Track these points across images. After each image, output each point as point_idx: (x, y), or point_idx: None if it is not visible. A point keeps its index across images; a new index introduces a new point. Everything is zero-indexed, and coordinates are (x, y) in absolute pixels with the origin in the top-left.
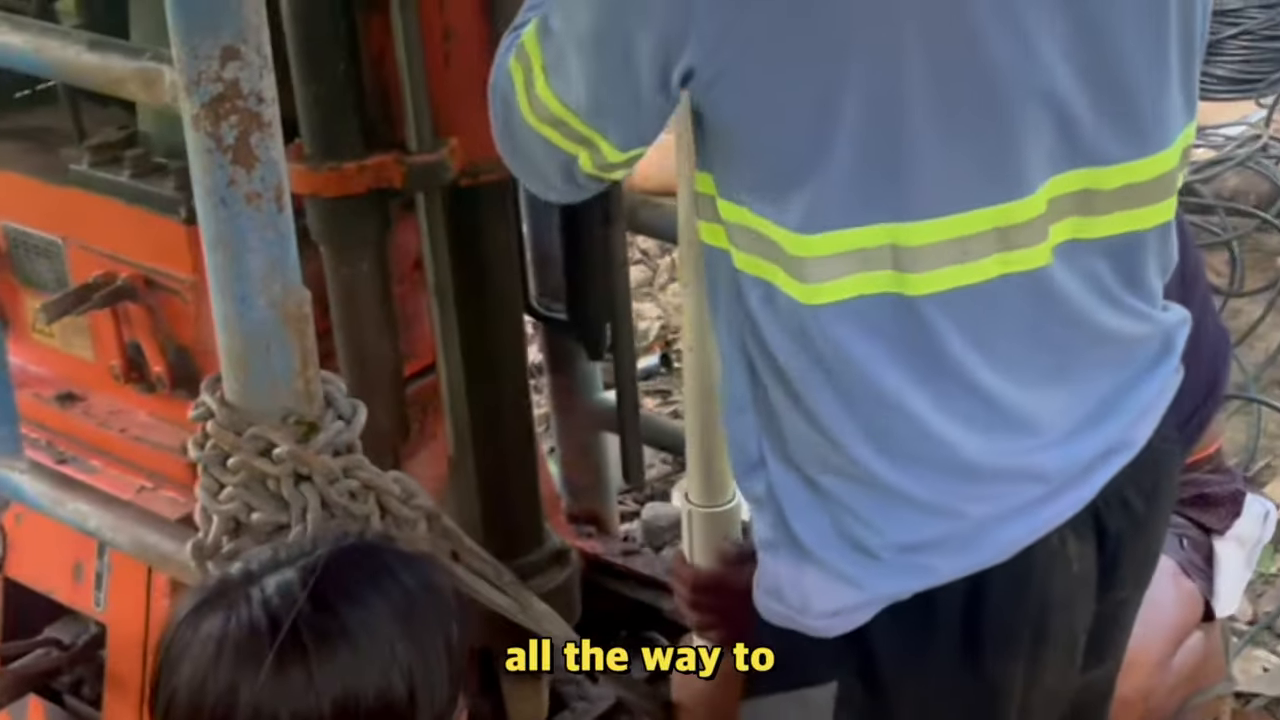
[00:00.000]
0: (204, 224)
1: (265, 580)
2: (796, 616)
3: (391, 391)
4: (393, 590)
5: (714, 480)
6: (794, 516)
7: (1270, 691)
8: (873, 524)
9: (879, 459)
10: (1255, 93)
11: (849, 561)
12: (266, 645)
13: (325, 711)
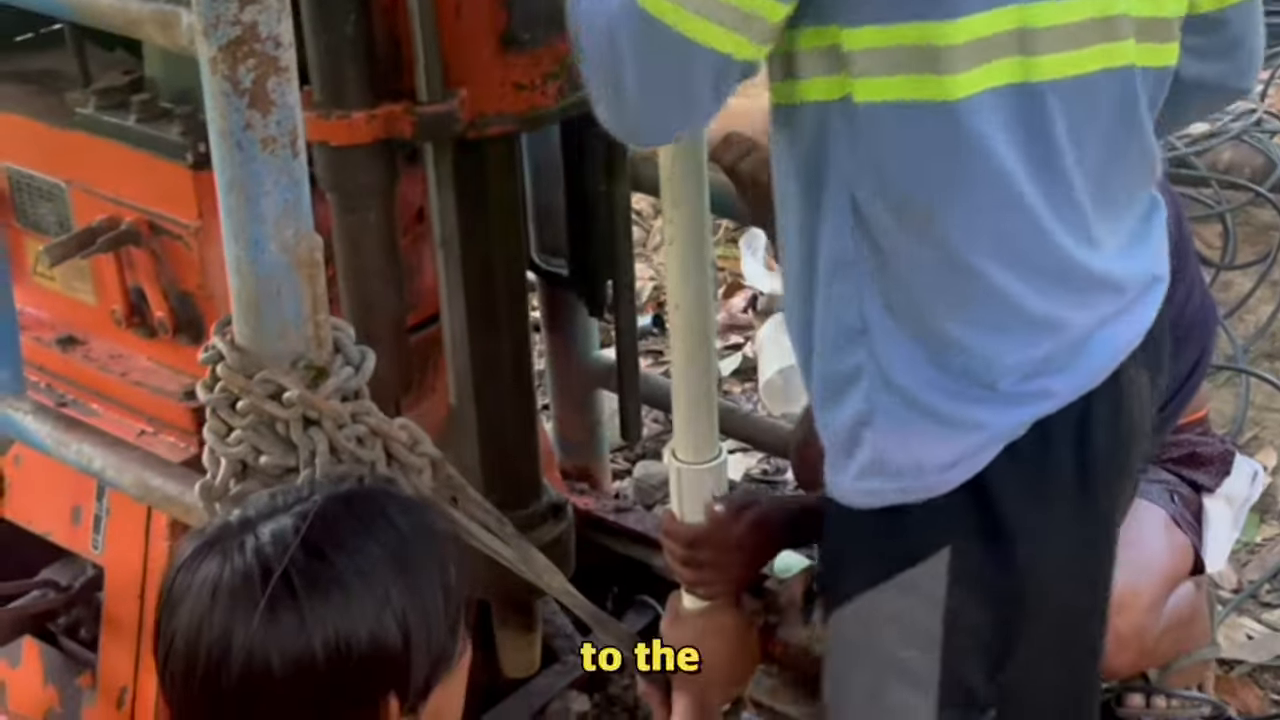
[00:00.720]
0: (219, 167)
1: (261, 527)
2: (908, 484)
3: (395, 341)
4: (388, 536)
5: (701, 437)
6: (904, 372)
7: (1254, 659)
8: (992, 356)
9: (1004, 271)
10: None
11: (968, 401)
12: (259, 591)
13: (318, 656)
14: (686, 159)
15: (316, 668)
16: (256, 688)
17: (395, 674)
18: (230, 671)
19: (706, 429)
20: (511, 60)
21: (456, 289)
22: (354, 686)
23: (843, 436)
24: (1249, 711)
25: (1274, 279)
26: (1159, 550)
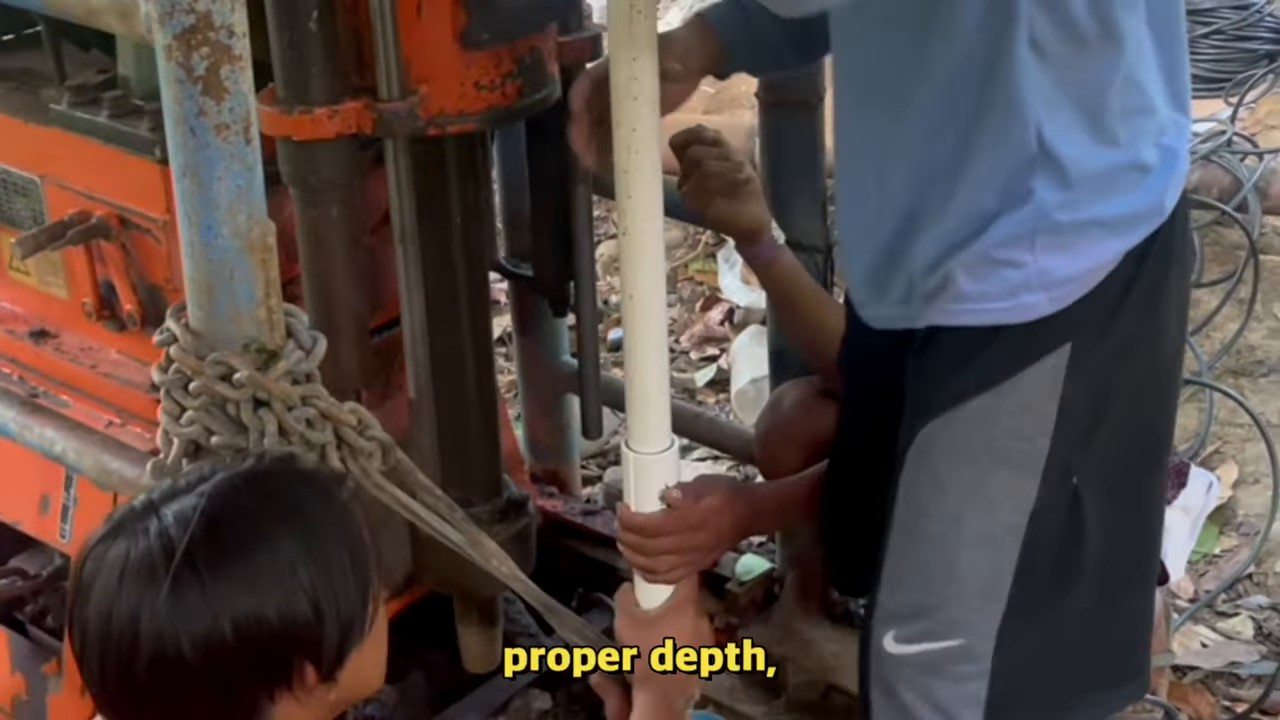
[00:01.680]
0: (173, 153)
1: (163, 508)
2: (1063, 292)
3: (355, 334)
4: (290, 511)
5: (653, 426)
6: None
7: (1207, 665)
8: (1153, 159)
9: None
10: (1224, 92)
11: (1127, 192)
12: (163, 571)
13: (227, 633)
14: (641, 150)
15: (227, 645)
16: (169, 669)
17: (308, 645)
18: (141, 655)
19: (659, 418)
20: (471, 59)
21: (416, 285)
22: (267, 660)
23: (997, 257)
24: (1200, 717)
25: (1240, 297)
26: None
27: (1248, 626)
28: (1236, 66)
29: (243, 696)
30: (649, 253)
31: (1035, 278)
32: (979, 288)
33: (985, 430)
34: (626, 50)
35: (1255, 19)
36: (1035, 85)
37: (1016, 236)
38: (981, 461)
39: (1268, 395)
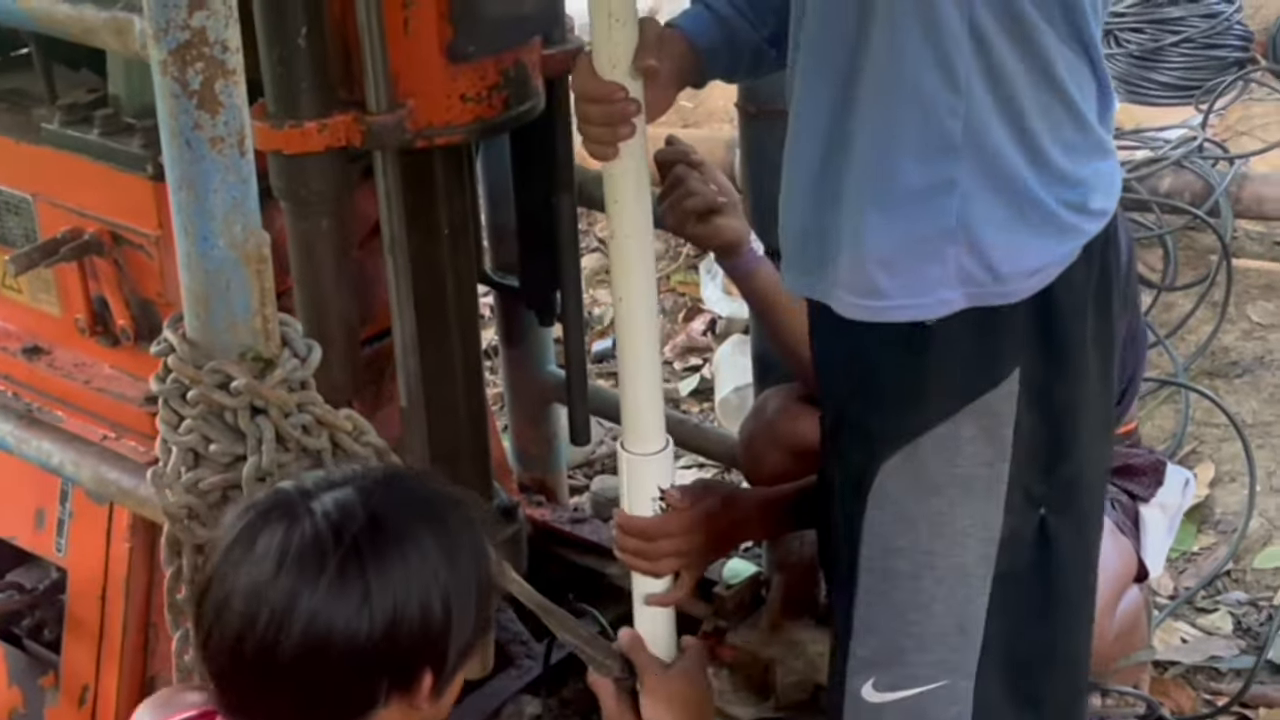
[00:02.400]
0: (169, 166)
1: (323, 496)
2: (993, 289)
3: (347, 345)
4: (437, 522)
5: (648, 427)
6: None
7: (1188, 660)
8: (1084, 180)
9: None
10: (1194, 99)
11: (1060, 206)
12: (331, 554)
13: (376, 625)
14: (629, 156)
15: (372, 636)
16: (313, 653)
17: (435, 653)
18: (290, 636)
19: (653, 419)
20: (457, 72)
21: (405, 295)
22: (400, 658)
23: (931, 246)
24: (1181, 711)
25: (1213, 300)
26: (1110, 557)
27: (1227, 622)
28: (1206, 74)
29: (366, 691)
30: (639, 258)
31: (954, 273)
32: (896, 281)
33: (947, 459)
34: (607, 58)
35: (1224, 27)
36: (966, 74)
37: (937, 229)
38: (947, 492)
39: (1242, 395)
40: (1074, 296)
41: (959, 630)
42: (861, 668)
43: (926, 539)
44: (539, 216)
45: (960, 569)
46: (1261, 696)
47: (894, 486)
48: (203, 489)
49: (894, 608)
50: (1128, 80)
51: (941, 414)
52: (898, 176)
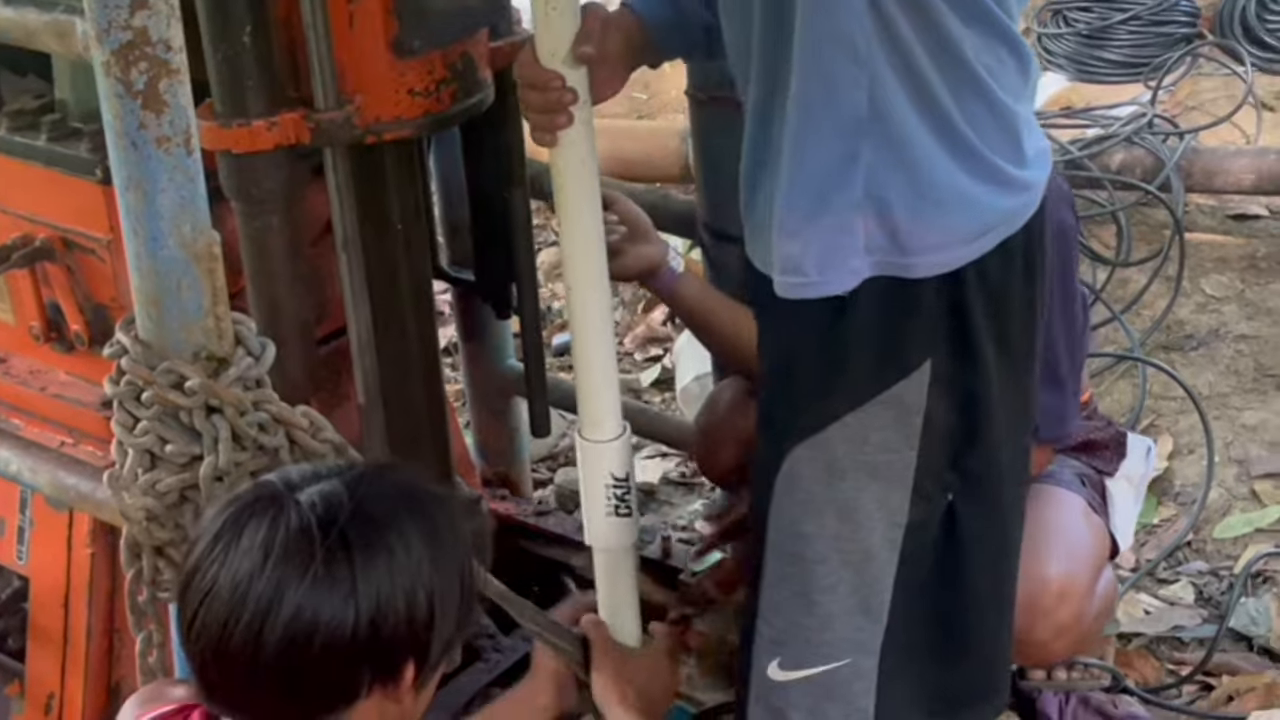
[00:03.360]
0: (115, 167)
1: (308, 489)
2: (901, 260)
3: (302, 343)
4: (423, 517)
5: (603, 413)
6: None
7: (1151, 631)
8: (995, 159)
9: (1018, 82)
10: (1143, 76)
11: (973, 178)
12: (317, 546)
13: (361, 617)
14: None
15: (357, 628)
16: (298, 645)
17: (419, 644)
18: (275, 627)
19: (609, 405)
20: (404, 67)
21: (360, 291)
22: (384, 650)
23: (841, 218)
24: (1146, 682)
25: (1167, 274)
26: (1086, 537)
27: (1188, 592)
28: (1155, 51)
29: (349, 682)
30: (589, 244)
31: (862, 243)
32: (812, 257)
33: (855, 446)
34: (547, 46)
35: (1171, 3)
36: (868, 47)
37: (845, 202)
38: (855, 478)
39: (1198, 368)
40: (988, 293)
41: (863, 611)
42: (768, 646)
43: (833, 524)
44: (492, 210)
45: (866, 552)
46: (1225, 664)
47: (802, 472)
48: (160, 490)
49: (799, 589)
50: (1077, 59)
51: (852, 402)
52: (809, 151)
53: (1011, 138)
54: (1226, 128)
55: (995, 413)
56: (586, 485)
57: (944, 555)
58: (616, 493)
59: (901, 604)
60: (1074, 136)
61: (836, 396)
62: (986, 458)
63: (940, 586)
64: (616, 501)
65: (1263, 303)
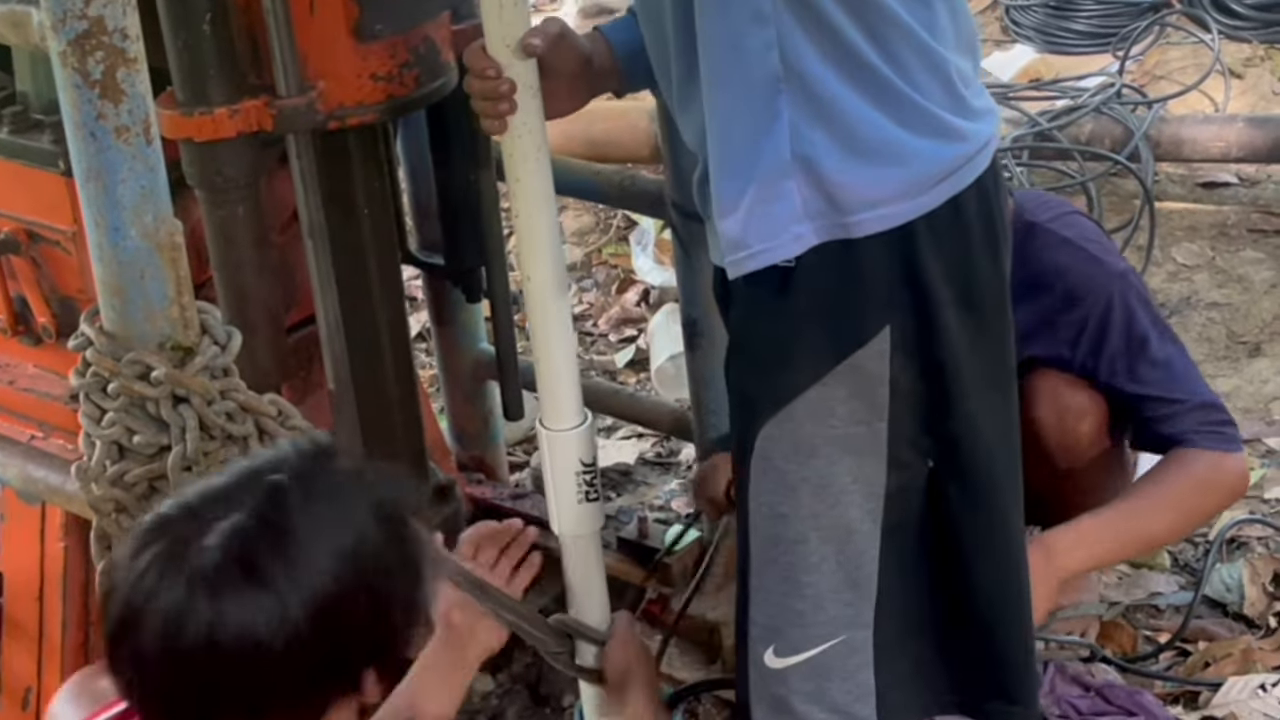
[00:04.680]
0: (75, 158)
1: (216, 519)
2: (842, 219)
3: (271, 332)
4: (343, 507)
5: (565, 403)
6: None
7: (1126, 599)
8: (928, 106)
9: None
10: (1111, 46)
11: (909, 130)
12: (238, 580)
13: (301, 634)
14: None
15: (301, 646)
16: (248, 674)
17: (373, 647)
18: (221, 663)
19: (570, 395)
20: (366, 51)
21: (328, 278)
22: (336, 663)
23: (773, 184)
24: (1123, 650)
25: (1138, 244)
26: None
27: (1164, 559)
28: (1122, 21)
29: (310, 703)
30: (544, 233)
31: (800, 207)
32: (751, 227)
33: (822, 421)
34: (498, 36)
35: None
36: (773, 4)
37: (774, 166)
38: (826, 453)
39: None
40: (944, 253)
41: (851, 586)
42: (763, 635)
43: (809, 502)
44: (460, 193)
45: (845, 527)
46: (1200, 631)
47: (773, 451)
48: (129, 481)
49: (785, 571)
50: (1045, 30)
51: (812, 376)
52: (733, 122)
53: (946, 84)
54: (1195, 96)
55: (965, 376)
56: (553, 474)
57: (931, 523)
58: (585, 478)
59: (892, 575)
60: (1042, 108)
61: (796, 371)
62: (964, 422)
63: (931, 555)
64: (586, 487)
65: (1233, 270)
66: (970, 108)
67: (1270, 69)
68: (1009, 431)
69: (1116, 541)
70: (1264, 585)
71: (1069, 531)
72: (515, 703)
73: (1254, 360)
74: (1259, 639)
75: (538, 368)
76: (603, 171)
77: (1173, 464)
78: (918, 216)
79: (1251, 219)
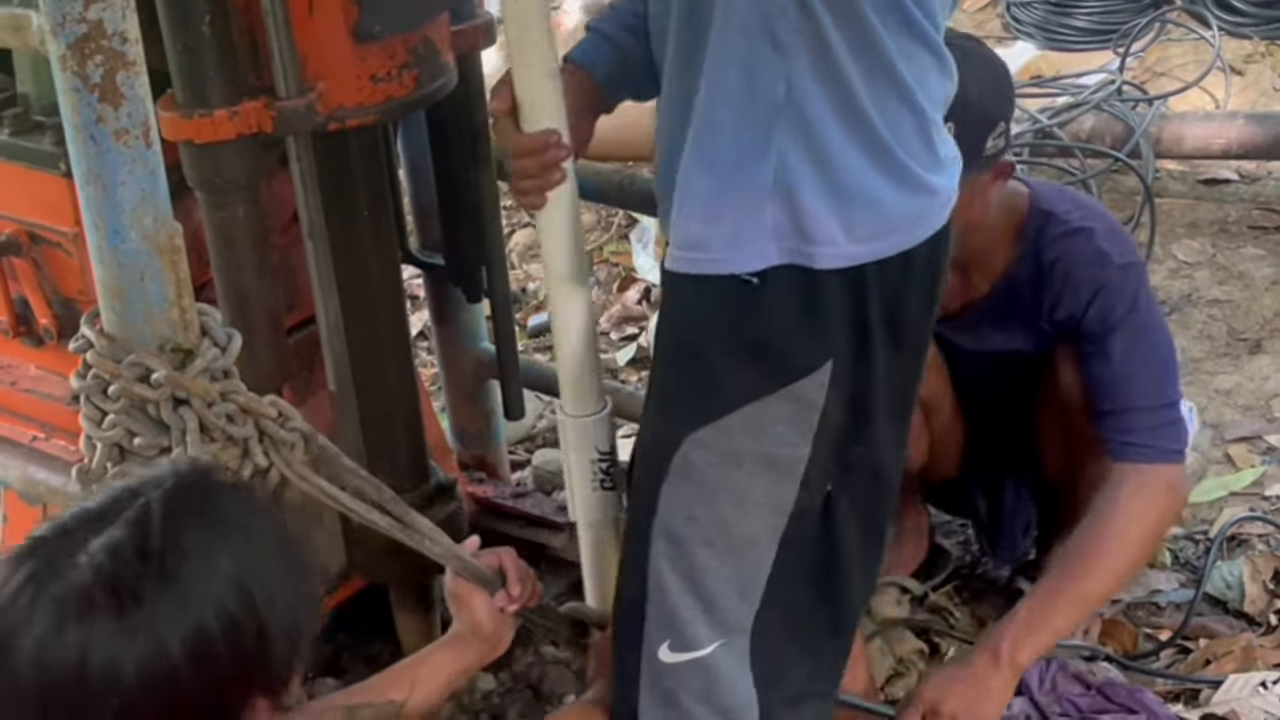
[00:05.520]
0: (75, 161)
1: (89, 541)
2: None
3: (271, 333)
4: (223, 527)
5: (585, 390)
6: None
7: (1128, 596)
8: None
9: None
10: (1112, 43)
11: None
12: (104, 604)
13: (180, 659)
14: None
15: (181, 671)
16: (129, 709)
17: (260, 664)
18: (96, 695)
19: (590, 382)
20: (366, 52)
21: (328, 279)
22: (222, 682)
23: (749, 202)
24: (1124, 647)
25: (1139, 241)
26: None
27: (1165, 556)
28: (1123, 17)
29: None
30: (563, 221)
31: (770, 228)
32: (716, 234)
33: (754, 437)
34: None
35: None
36: (791, 39)
37: (755, 187)
38: (750, 467)
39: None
40: (886, 298)
41: (739, 594)
42: (659, 630)
43: (725, 509)
44: (460, 193)
45: (750, 539)
46: (1201, 628)
47: (699, 457)
48: None
49: (686, 571)
50: (1045, 27)
51: (755, 393)
52: (722, 133)
53: (925, 140)
54: (1195, 93)
55: (880, 410)
56: (571, 461)
57: (820, 542)
58: (602, 466)
59: (776, 589)
60: (1043, 105)
61: (740, 386)
62: (869, 450)
63: (814, 571)
64: (602, 475)
65: (1234, 267)
66: (940, 160)
67: (1271, 66)
68: (898, 459)
69: (1063, 615)
70: (1264, 583)
71: (1010, 626)
72: (517, 702)
73: (1255, 357)
74: (1260, 636)
75: (558, 354)
76: (603, 171)
77: (1101, 496)
78: (873, 261)
79: (1252, 216)
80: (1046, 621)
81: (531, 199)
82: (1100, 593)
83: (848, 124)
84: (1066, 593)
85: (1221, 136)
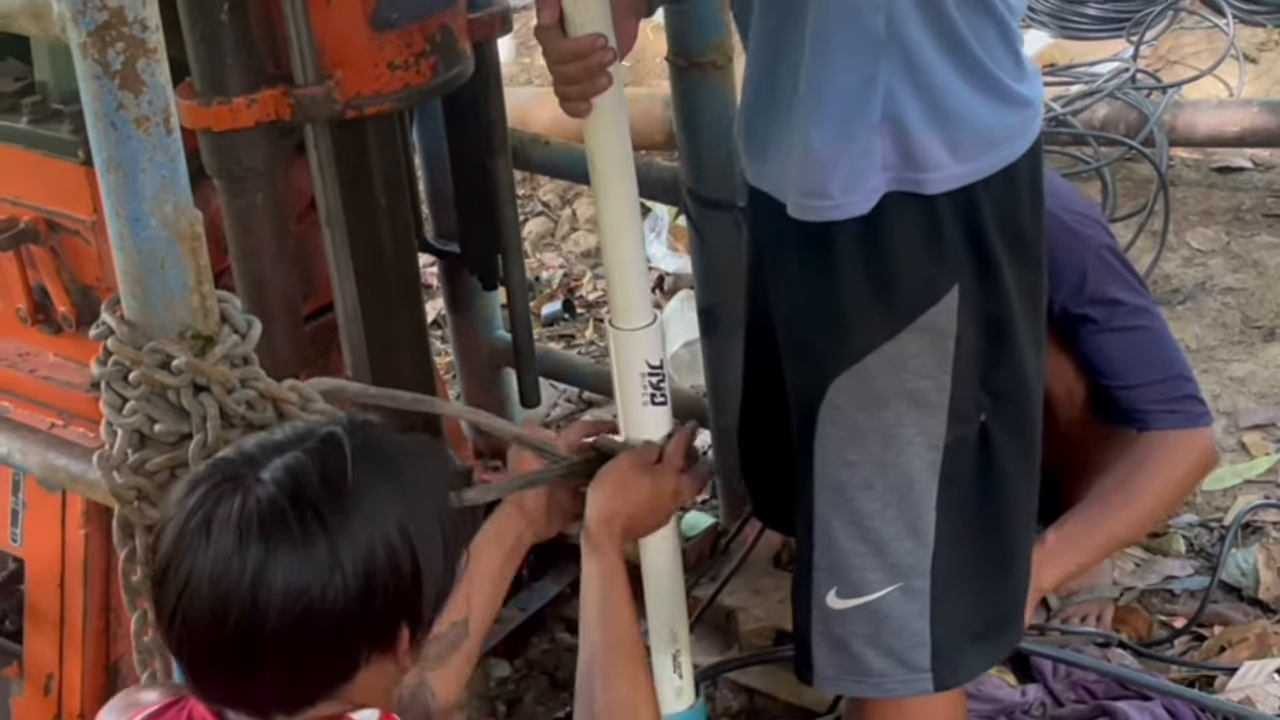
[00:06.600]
0: (95, 148)
1: (270, 461)
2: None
3: (289, 320)
4: (393, 473)
5: (634, 301)
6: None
7: (1141, 584)
8: (1009, 93)
9: None
10: (1125, 31)
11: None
12: (290, 518)
13: (350, 584)
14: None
15: (347, 595)
16: (292, 623)
17: (410, 605)
18: (265, 610)
19: (639, 294)
20: (383, 40)
21: (345, 266)
22: (376, 616)
23: (862, 141)
24: (1138, 634)
25: (1153, 229)
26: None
27: (1179, 544)
28: (1136, 5)
29: (348, 654)
30: (611, 131)
31: (880, 162)
32: (837, 179)
33: (894, 374)
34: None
35: None
36: None
37: (866, 125)
38: (895, 405)
39: (1185, 322)
40: (1000, 216)
41: (911, 534)
42: (824, 578)
43: (877, 450)
44: (476, 181)
45: (908, 476)
46: (1216, 615)
47: (845, 402)
48: (150, 469)
49: (850, 517)
50: (1059, 15)
51: (888, 332)
52: (831, 76)
53: (1013, 53)
54: (1209, 81)
55: (1018, 332)
56: (621, 376)
57: (982, 474)
58: (652, 380)
59: (945, 525)
60: (1057, 94)
61: (874, 326)
62: (1012, 376)
63: (980, 504)
64: (653, 390)
65: (1248, 255)
66: (1026, 71)
67: None
68: (1041, 382)
69: (1086, 546)
70: (1279, 570)
71: (1035, 550)
72: (533, 688)
73: (1269, 345)
74: (1274, 623)
75: (605, 264)
76: None
77: (1134, 455)
78: (979, 179)
79: (1266, 204)
80: (1069, 551)
81: (576, 105)
82: (1123, 534)
83: (944, 45)
84: (1092, 530)
85: (1235, 124)
